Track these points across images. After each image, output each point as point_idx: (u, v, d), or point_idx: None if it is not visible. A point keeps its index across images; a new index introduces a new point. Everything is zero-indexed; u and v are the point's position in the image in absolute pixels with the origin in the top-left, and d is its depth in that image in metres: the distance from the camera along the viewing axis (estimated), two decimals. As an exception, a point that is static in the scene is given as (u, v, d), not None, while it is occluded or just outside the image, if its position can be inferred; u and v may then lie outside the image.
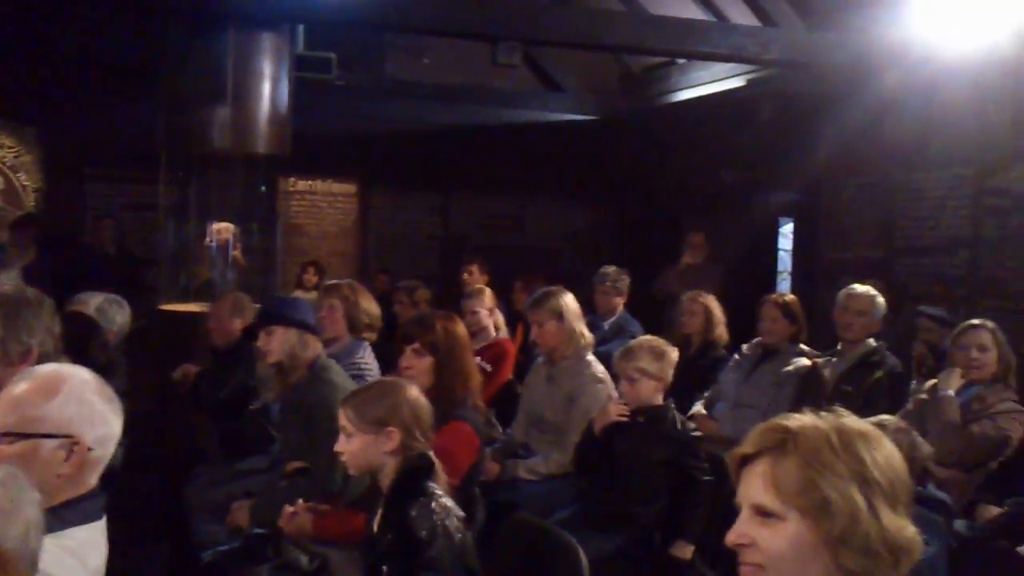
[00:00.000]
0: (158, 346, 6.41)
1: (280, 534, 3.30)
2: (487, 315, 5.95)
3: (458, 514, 2.73)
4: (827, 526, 1.54)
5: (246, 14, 6.60)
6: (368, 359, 4.70)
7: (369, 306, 4.86)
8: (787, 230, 9.47)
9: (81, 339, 3.93)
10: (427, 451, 2.82)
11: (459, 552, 2.67)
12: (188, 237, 7.39)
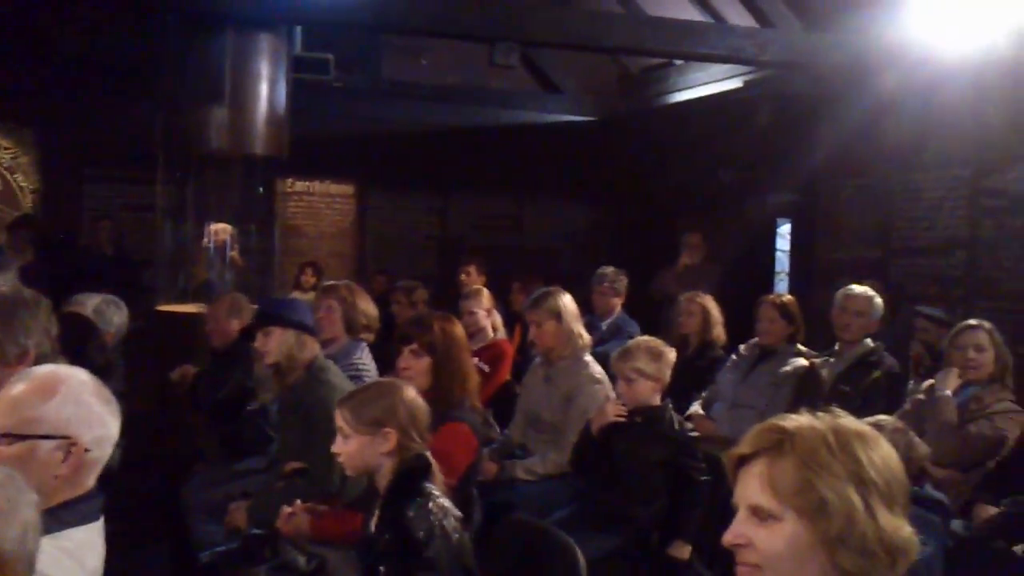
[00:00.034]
0: (156, 347, 6.41)
1: (278, 535, 3.30)
2: (485, 316, 5.95)
3: (455, 514, 2.73)
4: (824, 526, 1.55)
5: (244, 15, 6.61)
6: (366, 360, 4.70)
7: (367, 307, 4.86)
8: (785, 231, 9.46)
9: (78, 340, 3.93)
10: (424, 452, 2.82)
11: (456, 552, 2.67)
12: (186, 238, 7.41)
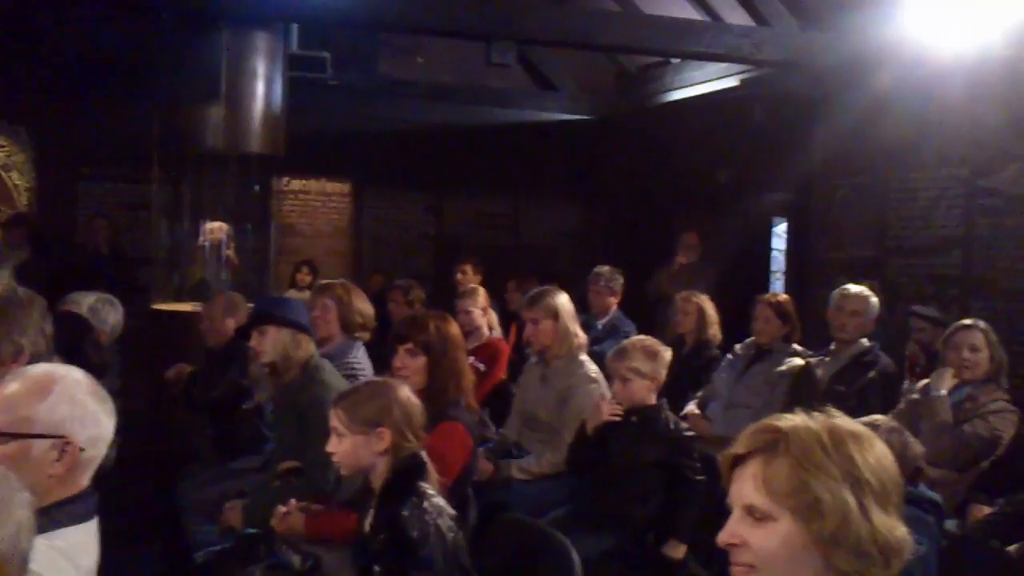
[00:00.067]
0: (151, 346, 6.40)
1: (273, 534, 3.30)
2: (481, 315, 5.94)
3: (450, 513, 2.73)
4: (818, 526, 1.55)
5: (240, 13, 6.60)
6: (361, 359, 4.69)
7: (362, 306, 4.85)
8: (780, 230, 9.48)
9: (74, 339, 3.93)
10: (419, 451, 2.82)
11: (452, 551, 2.67)
12: (182, 237, 7.39)
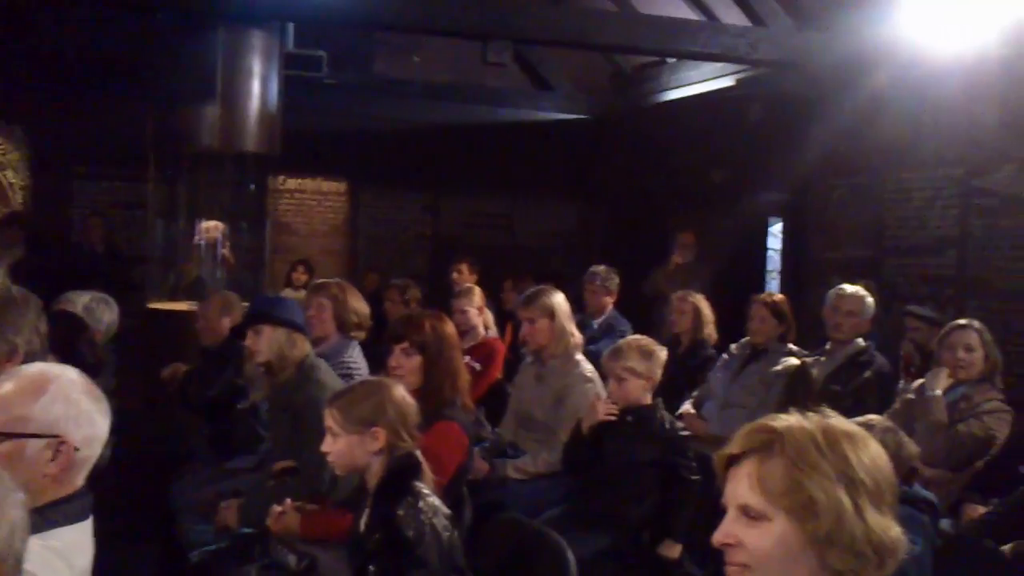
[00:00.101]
0: (147, 345, 6.39)
1: (268, 534, 3.29)
2: (476, 314, 5.94)
3: (445, 512, 2.73)
4: (813, 526, 1.55)
5: (236, 12, 6.60)
6: (357, 358, 4.68)
7: (358, 305, 4.84)
8: (776, 230, 9.48)
9: (68, 338, 3.92)
10: (413, 451, 2.82)
11: (447, 551, 2.67)
12: (177, 236, 7.39)
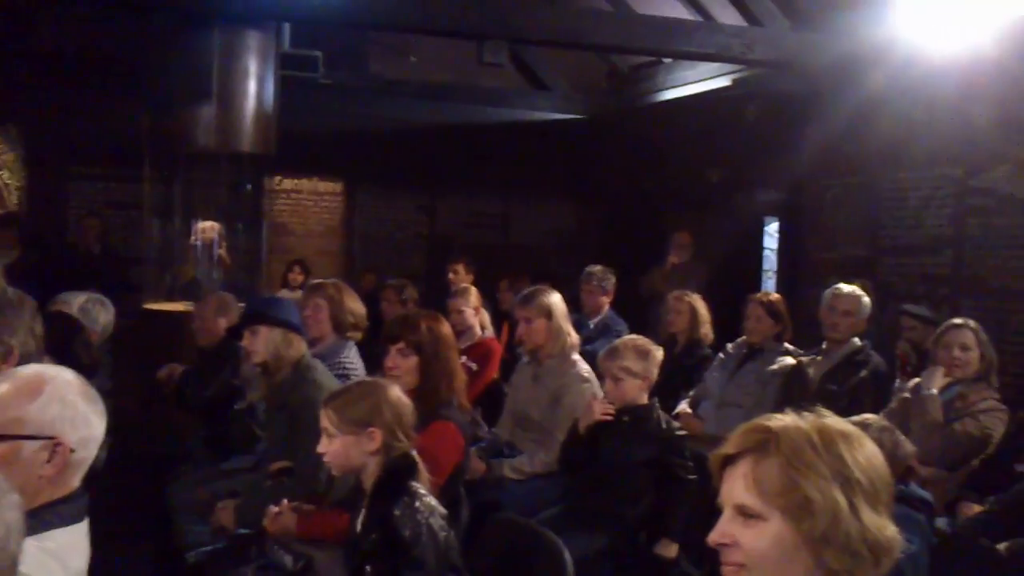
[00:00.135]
0: (143, 346, 6.38)
1: (265, 534, 3.29)
2: (473, 314, 5.94)
3: (441, 512, 2.73)
4: (808, 526, 1.55)
5: (231, 12, 6.59)
6: (353, 358, 4.68)
7: (354, 305, 4.84)
8: (772, 229, 9.49)
9: (64, 339, 3.92)
10: (409, 451, 2.82)
11: (443, 551, 2.67)
12: (173, 236, 7.39)
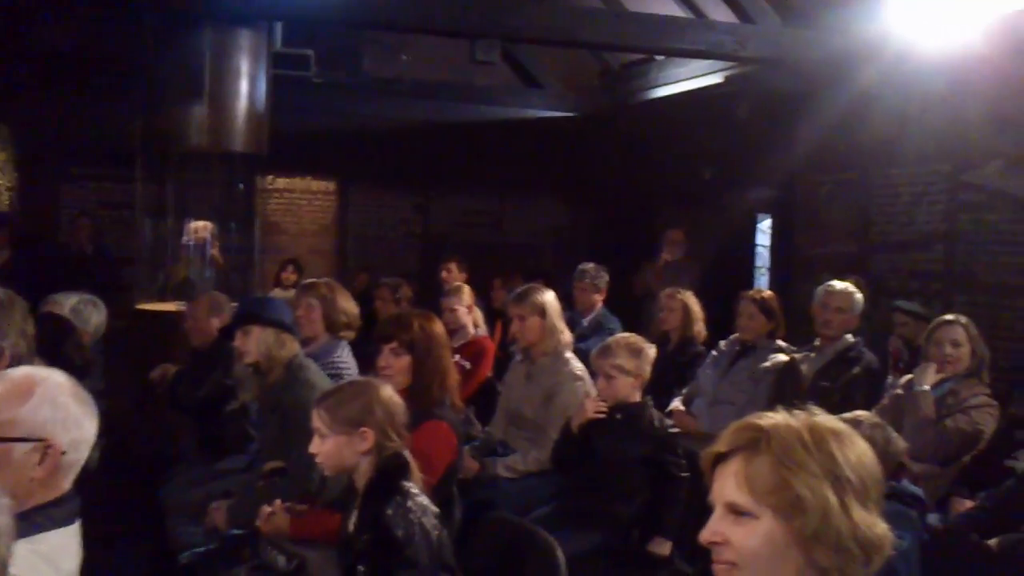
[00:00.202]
0: (135, 346, 6.37)
1: (258, 535, 3.29)
2: (466, 312, 5.93)
3: (434, 511, 2.73)
4: (799, 524, 1.55)
5: (223, 11, 6.57)
6: (346, 358, 4.68)
7: (347, 305, 4.84)
8: (765, 226, 9.50)
9: (56, 340, 3.91)
10: (402, 450, 2.82)
11: (436, 550, 2.68)
12: (165, 236, 7.36)
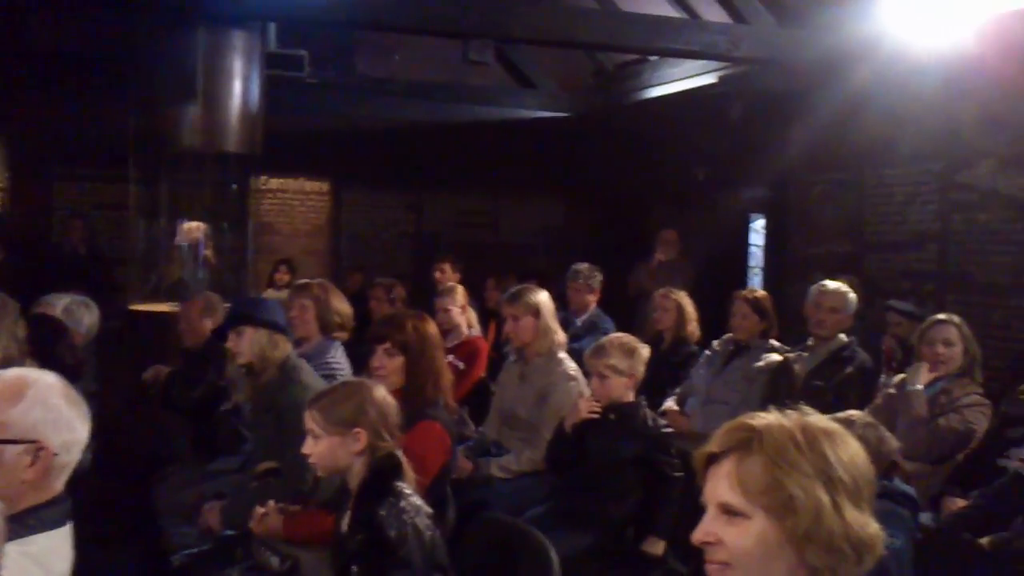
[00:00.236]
0: (128, 347, 6.36)
1: (251, 536, 3.29)
2: (459, 313, 5.93)
3: (427, 512, 2.73)
4: (792, 524, 1.56)
5: (217, 11, 6.56)
6: (339, 359, 4.68)
7: (340, 305, 4.84)
8: (758, 226, 9.51)
9: (48, 341, 3.90)
10: (395, 451, 2.82)
11: (429, 550, 2.67)
12: (159, 236, 7.34)
